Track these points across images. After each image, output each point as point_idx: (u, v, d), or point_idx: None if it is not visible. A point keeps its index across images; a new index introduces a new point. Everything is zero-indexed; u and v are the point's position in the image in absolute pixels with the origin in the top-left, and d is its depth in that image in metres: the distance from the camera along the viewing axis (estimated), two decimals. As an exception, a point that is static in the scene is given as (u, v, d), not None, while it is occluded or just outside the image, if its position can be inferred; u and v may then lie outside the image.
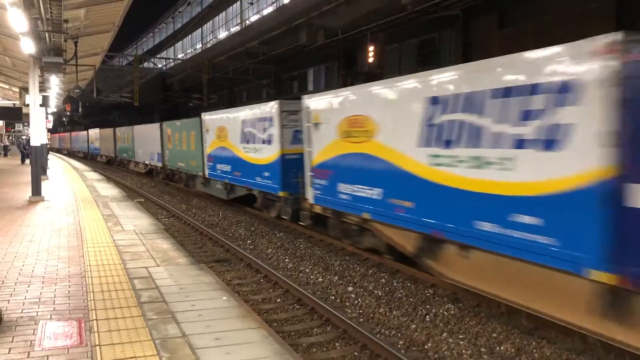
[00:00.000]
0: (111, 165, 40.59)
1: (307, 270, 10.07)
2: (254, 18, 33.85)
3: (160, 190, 24.23)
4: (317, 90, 30.79)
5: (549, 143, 6.03)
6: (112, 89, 42.18)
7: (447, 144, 7.52)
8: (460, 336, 6.85)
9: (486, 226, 6.89)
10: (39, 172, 15.11)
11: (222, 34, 41.25)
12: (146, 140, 28.59)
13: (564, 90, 5.89)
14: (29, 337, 4.97)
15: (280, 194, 13.50)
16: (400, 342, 6.73)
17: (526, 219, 6.30)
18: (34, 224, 11.06)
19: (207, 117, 18.87)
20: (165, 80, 43.20)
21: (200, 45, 47.77)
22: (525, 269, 6.45)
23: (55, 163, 36.00)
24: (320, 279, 9.49)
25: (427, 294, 8.46)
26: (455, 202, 7.40)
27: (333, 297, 8.53)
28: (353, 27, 20.90)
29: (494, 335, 6.85)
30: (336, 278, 9.49)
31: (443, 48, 20.94)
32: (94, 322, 5.36)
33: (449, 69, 7.82)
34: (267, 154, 14.11)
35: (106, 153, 41.88)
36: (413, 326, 7.21)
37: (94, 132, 47.15)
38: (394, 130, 8.80)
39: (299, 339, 6.85)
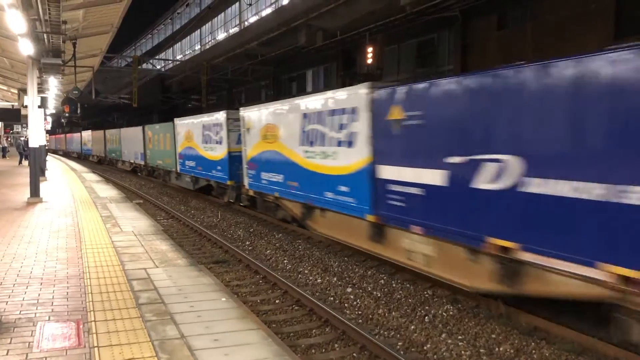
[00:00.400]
0: (101, 165, 43.53)
1: (306, 271, 10.06)
2: (252, 19, 33.86)
3: (158, 191, 24.21)
4: (316, 91, 30.80)
5: (350, 143, 9.93)
6: (111, 90, 42.17)
7: (312, 143, 11.36)
8: (460, 337, 6.85)
9: (329, 195, 10.73)
10: (37, 173, 15.10)
11: (221, 35, 41.26)
12: (131, 142, 31.85)
13: (353, 112, 9.78)
14: (27, 338, 4.96)
15: (228, 182, 17.21)
16: (400, 343, 6.72)
17: (343, 189, 10.20)
18: (33, 225, 11.04)
19: (178, 121, 22.43)
20: (164, 81, 43.20)
21: (199, 47, 47.76)
22: (345, 218, 10.42)
23: (54, 164, 35.96)
24: (319, 280, 9.48)
25: (426, 295, 8.46)
26: (315, 180, 11.27)
27: (332, 298, 8.52)
28: (352, 28, 20.92)
29: (493, 336, 6.84)
30: (335, 279, 9.48)
31: (442, 49, 20.95)
32: (93, 323, 5.34)
33: (312, 96, 11.57)
34: (219, 152, 17.76)
35: (97, 153, 45.06)
36: (412, 327, 7.21)
37: (86, 134, 50.52)
38: (288, 134, 12.52)
39: (298, 340, 6.84)
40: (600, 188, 5.59)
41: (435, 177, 7.80)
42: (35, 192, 14.84)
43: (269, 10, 30.61)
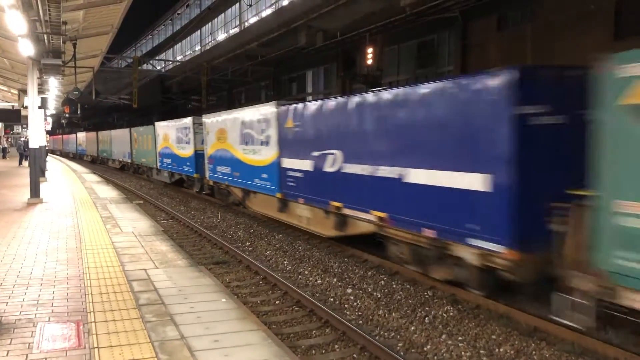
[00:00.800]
0: (94, 163, 46.43)
1: (306, 272, 10.06)
2: (252, 20, 33.87)
3: (159, 192, 24.22)
4: (317, 92, 30.81)
5: (267, 143, 13.66)
6: (111, 91, 42.16)
7: (247, 143, 14.96)
8: (460, 338, 6.85)
9: (257, 181, 14.37)
10: (37, 174, 15.10)
11: (221, 36, 41.26)
12: (120, 142, 35.32)
13: (268, 121, 13.56)
14: (27, 339, 4.96)
15: (195, 176, 20.73)
16: (400, 344, 6.72)
17: (264, 176, 13.88)
18: (33, 226, 11.04)
19: (157, 124, 25.79)
20: (164, 82, 43.19)
21: (199, 47, 47.77)
22: (266, 197, 14.09)
23: (54, 165, 35.96)
24: (319, 281, 9.48)
25: (426, 296, 8.45)
26: (249, 170, 14.84)
27: (332, 299, 8.52)
28: (352, 29, 20.92)
29: (493, 337, 6.84)
30: (335, 280, 9.48)
31: (442, 50, 20.95)
32: (93, 324, 5.34)
33: (247, 109, 15.31)
34: (188, 151, 21.26)
35: (91, 153, 48.78)
36: (412, 328, 7.20)
37: (81, 135, 54.53)
38: (232, 136, 16.00)
39: (298, 341, 6.84)
40: (370, 168, 9.67)
41: (307, 165, 11.81)
42: (35, 192, 14.84)
43: (269, 11, 30.62)
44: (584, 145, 5.81)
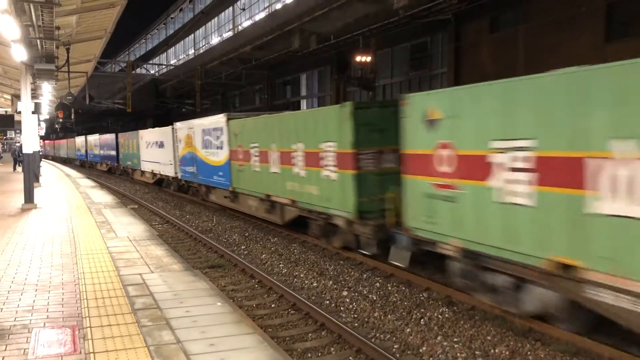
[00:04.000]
0: (84, 167, 48.42)
1: (302, 275, 10.07)
2: (246, 24, 33.89)
3: (153, 196, 24.17)
4: (311, 95, 30.84)
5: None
6: (105, 96, 42.08)
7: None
8: (455, 339, 6.87)
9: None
10: (31, 179, 15.05)
11: (215, 40, 41.26)
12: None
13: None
14: (22, 345, 4.95)
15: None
16: (395, 346, 6.74)
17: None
18: (27, 231, 11.00)
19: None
20: (158, 86, 43.12)
21: (193, 51, 47.75)
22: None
23: (48, 170, 35.83)
24: (314, 284, 9.49)
25: (422, 298, 8.48)
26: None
27: (328, 302, 8.53)
28: (345, 32, 20.97)
29: (489, 338, 6.87)
30: (331, 283, 9.49)
31: (435, 52, 21.02)
32: (88, 329, 5.34)
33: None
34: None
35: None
36: (408, 330, 7.22)
37: (71, 141, 57.60)
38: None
39: (293, 344, 6.85)
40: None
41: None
42: (29, 198, 14.79)
43: (262, 15, 30.65)
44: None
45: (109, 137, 37.30)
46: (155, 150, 25.39)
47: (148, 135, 27.22)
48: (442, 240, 7.84)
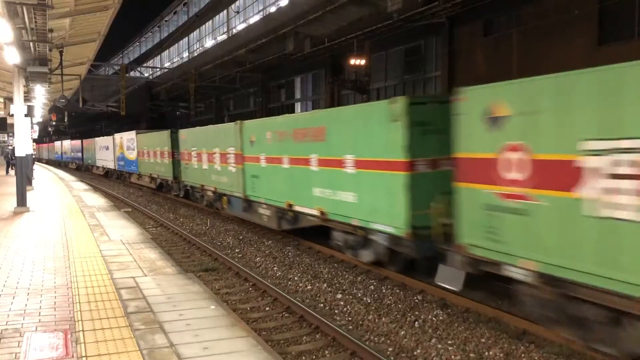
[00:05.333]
0: (60, 166, 53.71)
1: (296, 278, 10.05)
2: (240, 27, 33.89)
3: (147, 199, 24.09)
4: (305, 98, 30.85)
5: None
6: (99, 99, 41.92)
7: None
8: (449, 342, 6.87)
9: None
10: (24, 182, 14.97)
11: (209, 43, 41.24)
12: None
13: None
14: (14, 349, 4.91)
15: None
16: (390, 349, 6.73)
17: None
18: (19, 235, 10.94)
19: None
20: (152, 89, 43.07)
21: (187, 54, 47.71)
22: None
23: (41, 173, 35.66)
24: (309, 287, 9.47)
25: (416, 300, 8.48)
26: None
27: (322, 305, 8.51)
28: (339, 35, 21.00)
29: (483, 340, 6.87)
30: (325, 285, 9.48)
31: (429, 55, 21.08)
32: (81, 333, 5.30)
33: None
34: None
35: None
36: (402, 332, 7.22)
37: (58, 144, 62.43)
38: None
39: (288, 347, 6.83)
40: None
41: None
42: (22, 201, 14.71)
43: (256, 18, 30.67)
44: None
45: (77, 143, 48.07)
46: (104, 151, 35.59)
47: (100, 141, 37.22)
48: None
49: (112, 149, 32.95)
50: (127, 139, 29.09)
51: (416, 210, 8.43)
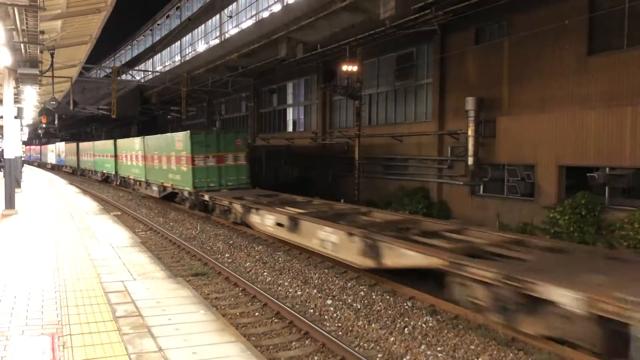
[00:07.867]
0: (53, 170, 55.09)
1: (286, 284, 10.03)
2: (233, 31, 33.88)
3: (137, 203, 23.97)
4: (297, 103, 30.87)
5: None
6: (90, 101, 41.68)
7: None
8: (439, 348, 6.88)
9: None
10: (12, 184, 14.83)
11: (201, 47, 41.19)
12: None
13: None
14: (0, 353, 4.85)
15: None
16: (379, 355, 6.73)
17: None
18: (7, 238, 10.83)
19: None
20: (144, 92, 42.87)
21: (179, 58, 47.61)
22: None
23: (30, 175, 35.39)
24: (299, 292, 9.46)
25: (406, 307, 8.48)
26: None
27: (312, 310, 8.50)
28: (332, 41, 21.04)
29: (472, 347, 6.88)
30: (315, 291, 9.46)
31: (421, 62, 21.17)
32: (68, 337, 5.25)
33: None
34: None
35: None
36: (392, 339, 7.22)
37: (44, 147, 67.25)
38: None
39: (277, 353, 6.81)
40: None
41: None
42: (10, 204, 14.57)
43: (249, 23, 30.68)
44: None
45: (72, 145, 53.72)
46: (51, 153, 51.76)
47: (62, 147, 50.52)
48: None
49: (74, 153, 46.01)
50: (65, 147, 47.66)
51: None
